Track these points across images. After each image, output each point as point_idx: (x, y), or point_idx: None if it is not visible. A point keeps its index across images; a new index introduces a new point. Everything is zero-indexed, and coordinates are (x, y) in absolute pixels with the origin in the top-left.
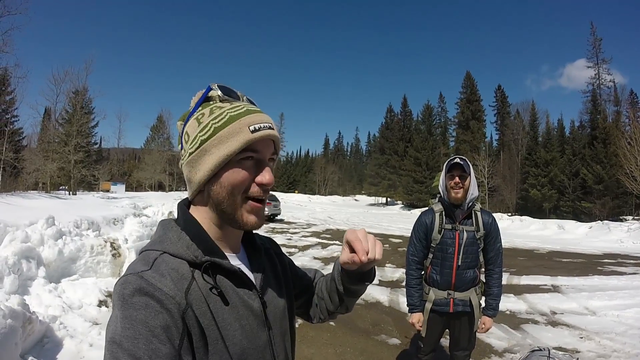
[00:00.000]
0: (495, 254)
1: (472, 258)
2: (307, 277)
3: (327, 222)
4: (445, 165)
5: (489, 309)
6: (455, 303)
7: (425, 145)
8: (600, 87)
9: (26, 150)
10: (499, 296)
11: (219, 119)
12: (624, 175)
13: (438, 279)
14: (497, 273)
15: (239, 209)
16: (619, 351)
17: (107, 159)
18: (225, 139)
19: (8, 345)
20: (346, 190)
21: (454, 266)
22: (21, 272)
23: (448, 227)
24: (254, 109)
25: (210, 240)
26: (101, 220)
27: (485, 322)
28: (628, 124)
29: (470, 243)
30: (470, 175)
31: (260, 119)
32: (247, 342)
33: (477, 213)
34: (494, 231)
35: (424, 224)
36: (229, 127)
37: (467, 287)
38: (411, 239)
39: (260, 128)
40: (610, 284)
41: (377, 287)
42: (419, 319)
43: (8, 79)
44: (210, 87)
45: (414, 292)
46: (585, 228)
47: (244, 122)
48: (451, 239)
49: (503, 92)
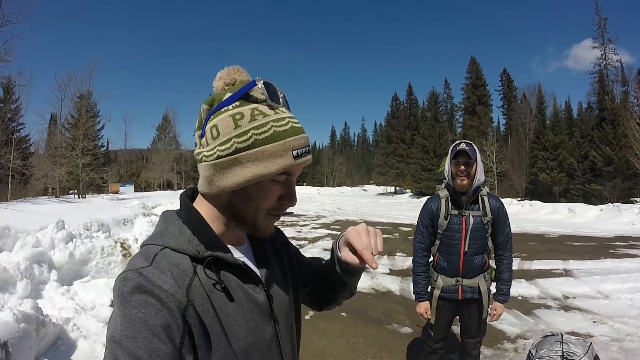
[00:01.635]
0: (505, 239)
1: (479, 244)
2: (313, 265)
3: (337, 213)
4: (450, 151)
5: (500, 295)
6: (464, 290)
7: (432, 133)
8: (607, 67)
9: (34, 156)
10: (509, 281)
11: (262, 130)
12: (633, 157)
13: (445, 266)
14: (507, 258)
15: (260, 222)
16: (632, 335)
17: (115, 161)
18: (265, 158)
19: (22, 349)
20: (354, 181)
21: (461, 252)
22: (33, 277)
23: (454, 213)
24: (298, 127)
25: (213, 234)
26: (111, 221)
27: (497, 308)
28: (636, 104)
29: (478, 228)
30: (477, 161)
31: (303, 143)
32: (253, 337)
33: (483, 198)
34: (502, 215)
35: (429, 210)
36: (272, 145)
37: (476, 273)
38: (417, 226)
39: (302, 154)
40: (623, 266)
41: (387, 276)
42: (426, 308)
43: (12, 87)
44: (254, 82)
45: (420, 279)
46: (596, 211)
47: (289, 144)
48: (458, 225)
49: (509, 76)
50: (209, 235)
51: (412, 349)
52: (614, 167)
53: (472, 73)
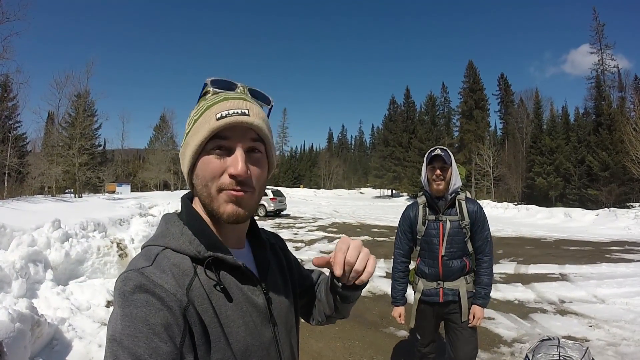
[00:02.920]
0: (483, 243)
1: (457, 247)
2: (311, 277)
3: (333, 216)
4: (425, 157)
5: (478, 298)
6: (445, 292)
7: (430, 136)
8: (604, 73)
9: (30, 155)
10: (489, 285)
11: (197, 110)
12: (630, 162)
13: (426, 270)
14: (486, 262)
15: (215, 200)
16: (628, 339)
17: (112, 161)
18: (197, 130)
19: (17, 349)
20: (351, 184)
21: (439, 256)
22: (29, 276)
23: (431, 218)
24: (232, 96)
25: (214, 235)
26: (107, 221)
27: (476, 312)
28: (633, 109)
29: (455, 233)
30: (452, 166)
31: (231, 106)
32: (251, 338)
33: (461, 202)
34: (480, 219)
35: (407, 217)
36: (202, 117)
37: (457, 276)
38: (397, 233)
39: (228, 115)
40: (619, 271)
41: (384, 279)
42: (400, 312)
43: (10, 85)
44: (205, 83)
45: (397, 285)
46: (592, 216)
47: (214, 110)
48: (435, 230)
49: (506, 80)
50: (210, 237)
51: (409, 352)
52: (610, 172)
53: (469, 77)
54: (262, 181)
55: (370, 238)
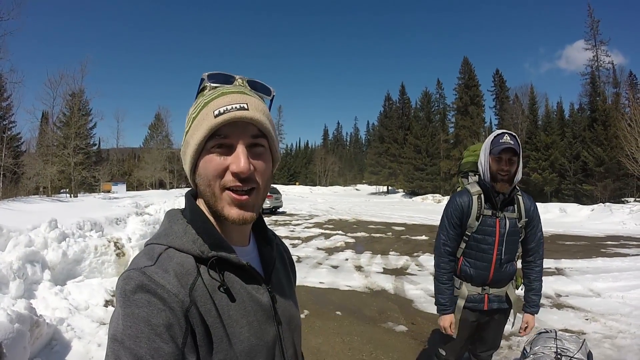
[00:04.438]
0: (537, 244)
1: (512, 249)
2: None
3: (329, 213)
4: (490, 143)
5: (532, 306)
6: (490, 299)
7: (425, 132)
8: (599, 69)
9: (25, 155)
10: (540, 291)
11: (195, 107)
12: (624, 157)
13: (472, 273)
14: (539, 265)
15: (219, 201)
16: (624, 332)
17: (107, 160)
18: (196, 129)
19: (17, 350)
20: (347, 180)
21: (493, 259)
22: (26, 277)
23: (488, 214)
24: (230, 90)
25: (218, 234)
26: (104, 220)
27: (529, 321)
28: (628, 105)
29: (512, 232)
30: (520, 157)
31: (229, 101)
32: (255, 338)
33: (518, 197)
34: (536, 218)
35: (459, 207)
36: (200, 115)
37: (505, 282)
38: (443, 225)
39: (226, 111)
40: (614, 265)
41: (382, 275)
42: (450, 321)
43: (4, 85)
44: (202, 78)
45: (445, 289)
46: (587, 211)
47: (212, 106)
48: (491, 228)
49: (501, 76)
50: (214, 236)
51: (408, 347)
52: (605, 167)
53: (464, 73)
54: (267, 176)
55: (366, 234)
